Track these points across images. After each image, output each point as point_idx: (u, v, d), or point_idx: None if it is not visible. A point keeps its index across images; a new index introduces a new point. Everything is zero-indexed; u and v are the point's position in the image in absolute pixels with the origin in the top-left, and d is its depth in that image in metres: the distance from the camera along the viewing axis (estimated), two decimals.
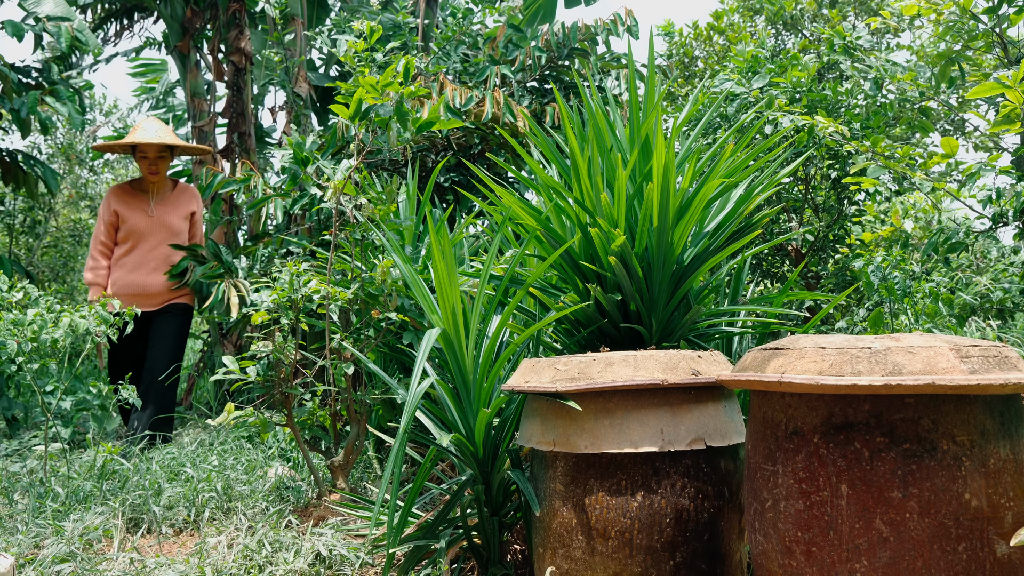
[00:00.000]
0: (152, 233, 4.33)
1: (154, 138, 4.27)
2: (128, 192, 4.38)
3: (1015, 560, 1.48)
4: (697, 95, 3.00)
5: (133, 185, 4.40)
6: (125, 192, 4.37)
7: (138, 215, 4.28)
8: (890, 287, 4.19)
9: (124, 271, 4.31)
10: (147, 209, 4.32)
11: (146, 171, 4.36)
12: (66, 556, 2.35)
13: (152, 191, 4.39)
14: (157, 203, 4.36)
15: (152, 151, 4.35)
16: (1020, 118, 3.40)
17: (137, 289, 4.30)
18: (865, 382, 1.43)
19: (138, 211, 4.29)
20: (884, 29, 7.62)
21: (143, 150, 4.34)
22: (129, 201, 4.32)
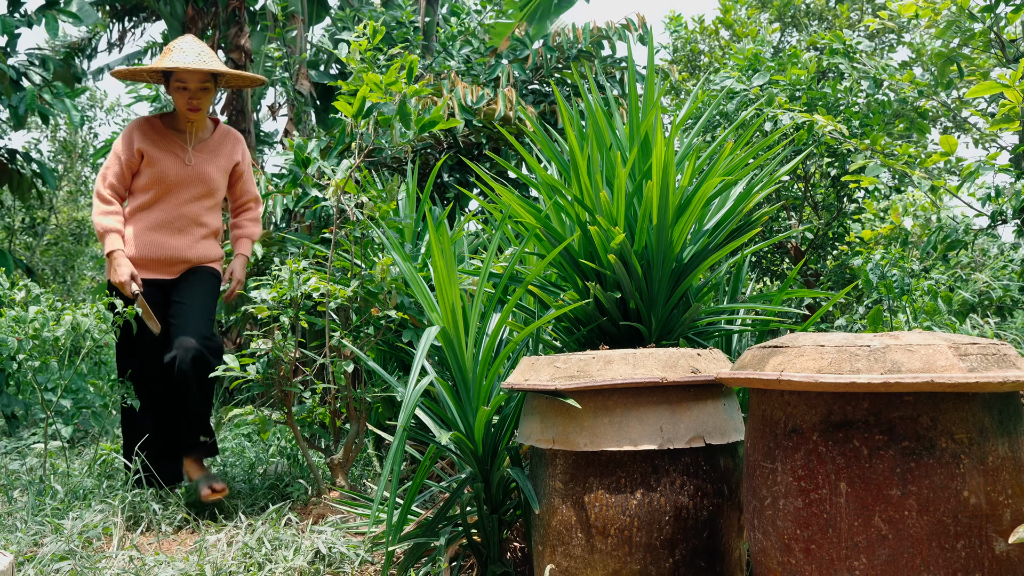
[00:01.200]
0: (184, 186, 3.28)
1: (196, 63, 3.19)
2: (157, 129, 3.31)
3: (1013, 557, 1.48)
4: (697, 93, 3.00)
5: (164, 121, 3.34)
6: (154, 129, 3.31)
7: (169, 160, 3.26)
8: (889, 285, 4.19)
9: (142, 227, 3.24)
10: (182, 154, 3.28)
11: (184, 106, 3.27)
12: (65, 554, 2.35)
13: (189, 132, 3.34)
14: (194, 148, 3.33)
15: (194, 80, 3.24)
16: (1019, 116, 3.40)
17: (157, 252, 3.24)
18: (864, 380, 1.44)
19: (169, 155, 3.26)
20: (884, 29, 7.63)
21: (181, 78, 3.24)
22: (158, 141, 3.27)
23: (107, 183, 3.24)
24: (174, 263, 3.27)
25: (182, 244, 3.28)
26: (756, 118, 4.55)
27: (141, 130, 3.29)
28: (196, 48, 3.27)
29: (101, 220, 3.19)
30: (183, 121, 3.32)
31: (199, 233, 3.32)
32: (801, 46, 6.60)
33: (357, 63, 3.08)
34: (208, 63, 3.23)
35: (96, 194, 3.25)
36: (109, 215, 3.20)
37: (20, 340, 4.06)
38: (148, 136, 3.28)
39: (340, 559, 2.45)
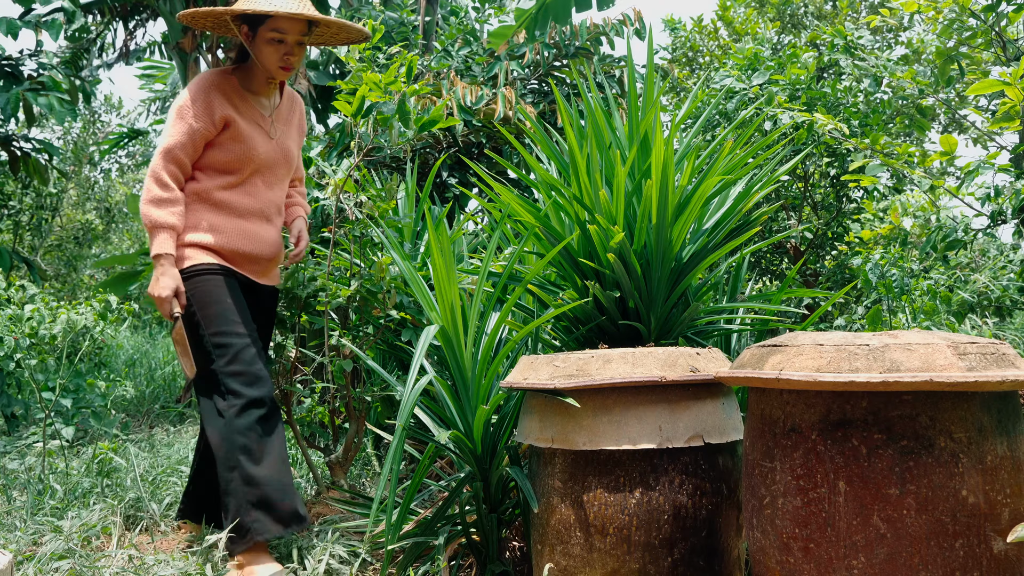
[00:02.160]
0: (271, 166, 2.60)
1: (298, 7, 2.44)
2: (238, 92, 2.55)
3: (1012, 556, 1.48)
4: (696, 92, 3.00)
5: (242, 82, 2.56)
6: (235, 91, 2.54)
7: (256, 132, 2.55)
8: (888, 284, 4.20)
9: (230, 216, 2.53)
10: (265, 126, 2.58)
11: (275, 63, 2.50)
12: (64, 553, 2.35)
13: (270, 97, 2.63)
14: (276, 117, 2.64)
15: (295, 31, 2.48)
16: (1019, 115, 3.40)
17: (253, 245, 2.57)
18: (863, 379, 1.43)
19: (255, 126, 2.55)
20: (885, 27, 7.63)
21: (280, 28, 2.47)
22: (243, 108, 2.53)
23: (171, 159, 2.42)
24: (264, 261, 2.62)
25: (273, 237, 2.65)
26: (755, 117, 4.55)
27: (222, 91, 2.49)
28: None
29: (153, 211, 2.38)
30: (262, 82, 2.56)
31: (279, 224, 2.72)
32: (801, 42, 6.61)
33: (356, 62, 3.07)
34: (309, 8, 2.49)
35: (152, 175, 2.42)
36: (164, 205, 2.39)
37: (17, 339, 4.07)
38: (231, 100, 2.50)
39: (339, 558, 2.45)
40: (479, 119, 5.24)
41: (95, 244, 11.95)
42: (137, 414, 5.46)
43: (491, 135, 5.64)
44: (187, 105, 2.44)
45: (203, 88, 2.47)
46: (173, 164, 2.43)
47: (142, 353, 7.58)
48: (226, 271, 2.49)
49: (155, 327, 10.04)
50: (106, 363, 6.01)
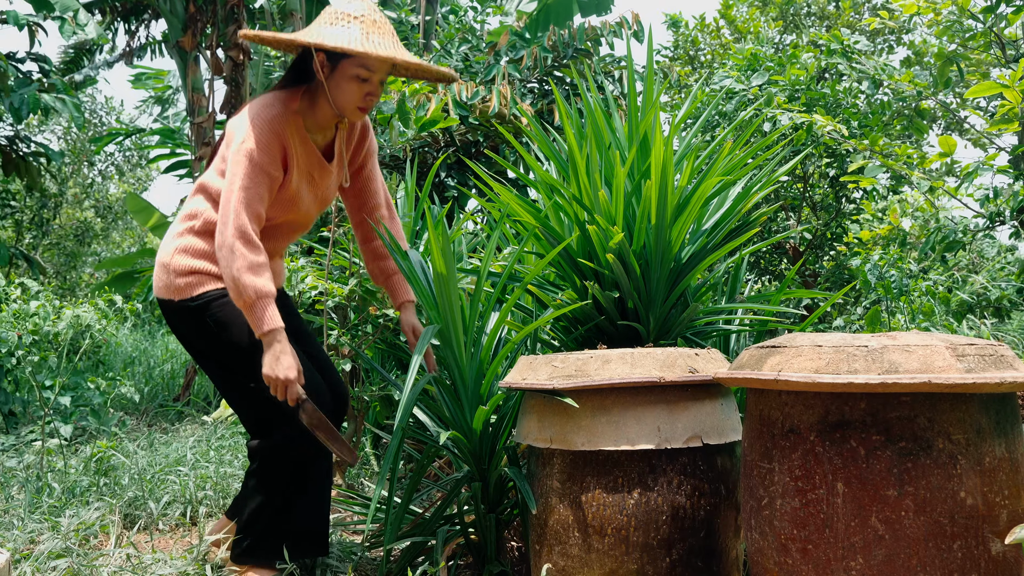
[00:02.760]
0: (308, 213, 2.34)
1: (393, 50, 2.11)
2: (300, 134, 2.21)
3: (1010, 558, 1.48)
4: (696, 92, 3.00)
5: (305, 119, 2.22)
6: (297, 132, 2.20)
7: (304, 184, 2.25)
8: (887, 285, 4.20)
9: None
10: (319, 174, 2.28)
11: (355, 103, 2.18)
12: (62, 552, 2.35)
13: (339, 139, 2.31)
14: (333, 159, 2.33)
15: (383, 68, 2.16)
16: (1018, 117, 3.41)
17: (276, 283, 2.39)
18: (861, 380, 1.44)
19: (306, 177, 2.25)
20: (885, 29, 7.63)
21: (368, 64, 2.13)
22: (300, 154, 2.21)
23: (253, 214, 2.07)
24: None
25: (282, 267, 2.50)
26: (755, 118, 4.55)
27: (288, 133, 2.17)
28: (385, 23, 2.17)
29: (253, 280, 2.02)
30: (328, 121, 2.24)
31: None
32: (803, 42, 6.61)
33: None
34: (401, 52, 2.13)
35: (237, 231, 2.03)
36: (261, 270, 2.04)
37: (20, 335, 4.06)
38: (293, 145, 2.18)
39: (338, 558, 2.45)
40: (475, 116, 5.24)
41: (95, 242, 11.95)
42: (136, 412, 5.45)
43: (489, 134, 5.65)
44: (257, 148, 2.09)
45: (272, 129, 2.12)
46: (255, 220, 2.07)
47: (141, 352, 7.58)
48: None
49: (155, 326, 10.04)
50: (105, 361, 6.00)
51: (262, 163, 2.08)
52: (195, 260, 2.17)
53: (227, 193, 2.07)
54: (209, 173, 2.25)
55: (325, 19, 2.13)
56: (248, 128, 2.10)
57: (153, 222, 8.11)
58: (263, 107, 2.14)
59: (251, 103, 2.17)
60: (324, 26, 2.11)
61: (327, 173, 2.29)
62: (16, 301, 4.22)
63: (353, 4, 2.14)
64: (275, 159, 2.12)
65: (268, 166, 2.10)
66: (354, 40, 2.07)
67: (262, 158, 2.08)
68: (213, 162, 2.26)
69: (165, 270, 2.18)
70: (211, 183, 2.21)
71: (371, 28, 2.11)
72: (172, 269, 2.16)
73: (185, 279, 2.16)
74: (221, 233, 2.04)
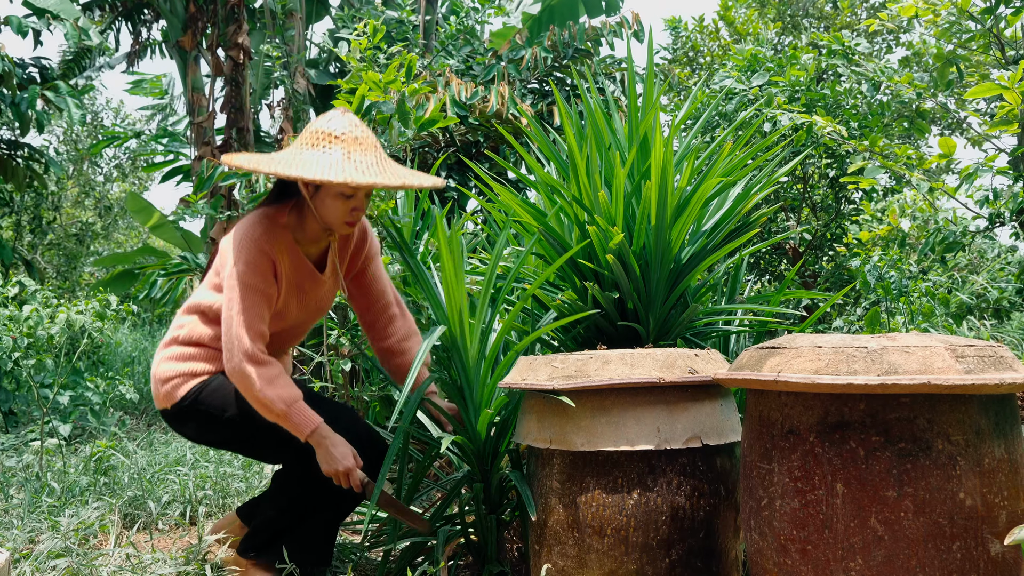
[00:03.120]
0: (301, 325, 2.40)
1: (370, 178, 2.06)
2: (291, 249, 2.22)
3: (1009, 559, 1.49)
4: (696, 93, 3.00)
5: (295, 234, 2.23)
6: (288, 248, 2.21)
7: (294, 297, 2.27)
8: (887, 286, 4.20)
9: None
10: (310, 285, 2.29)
11: (341, 218, 2.18)
12: (62, 551, 2.35)
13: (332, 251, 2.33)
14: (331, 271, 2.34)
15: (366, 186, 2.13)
16: (1018, 119, 3.41)
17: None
18: (861, 381, 1.44)
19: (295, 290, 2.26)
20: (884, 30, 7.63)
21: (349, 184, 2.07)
22: (291, 269, 2.22)
23: (257, 335, 2.10)
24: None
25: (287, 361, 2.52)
26: (755, 119, 4.55)
27: (278, 250, 2.17)
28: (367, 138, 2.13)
29: (273, 392, 2.06)
30: (318, 235, 2.25)
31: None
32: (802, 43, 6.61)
33: (356, 61, 3.07)
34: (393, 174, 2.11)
35: (244, 355, 2.06)
36: (277, 381, 2.08)
37: (15, 339, 4.06)
38: (283, 260, 2.19)
39: (338, 557, 2.46)
40: (474, 116, 5.24)
41: (95, 242, 11.95)
42: (135, 412, 5.45)
43: (489, 135, 5.65)
44: (248, 270, 2.11)
45: (260, 248, 2.13)
46: (259, 340, 2.10)
47: (140, 351, 7.58)
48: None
49: (154, 325, 10.03)
50: (104, 361, 6.00)
51: (255, 284, 2.11)
52: (177, 364, 2.22)
53: (227, 321, 2.10)
54: (201, 291, 2.28)
55: (307, 140, 2.12)
56: (237, 250, 2.13)
57: (153, 222, 8.11)
58: (250, 226, 2.15)
59: (240, 222, 2.19)
60: (305, 149, 2.10)
61: (319, 284, 2.30)
62: (9, 306, 4.22)
63: (334, 122, 2.13)
64: (267, 277, 2.14)
65: (261, 285, 2.12)
66: (335, 167, 2.04)
67: (254, 279, 2.11)
68: (206, 277, 2.30)
69: (154, 382, 2.24)
70: (202, 300, 2.25)
71: (353, 147, 2.09)
72: (158, 379, 2.22)
73: (171, 383, 2.20)
74: (229, 361, 2.07)
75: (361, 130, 2.13)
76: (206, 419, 2.20)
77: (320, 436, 2.08)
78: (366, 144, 2.11)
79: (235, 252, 2.12)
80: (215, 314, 2.21)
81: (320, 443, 2.08)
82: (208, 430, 2.24)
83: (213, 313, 2.21)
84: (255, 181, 4.32)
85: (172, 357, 2.23)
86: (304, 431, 2.08)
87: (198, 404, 2.19)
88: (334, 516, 2.30)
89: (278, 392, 2.06)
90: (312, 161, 2.05)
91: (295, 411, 2.07)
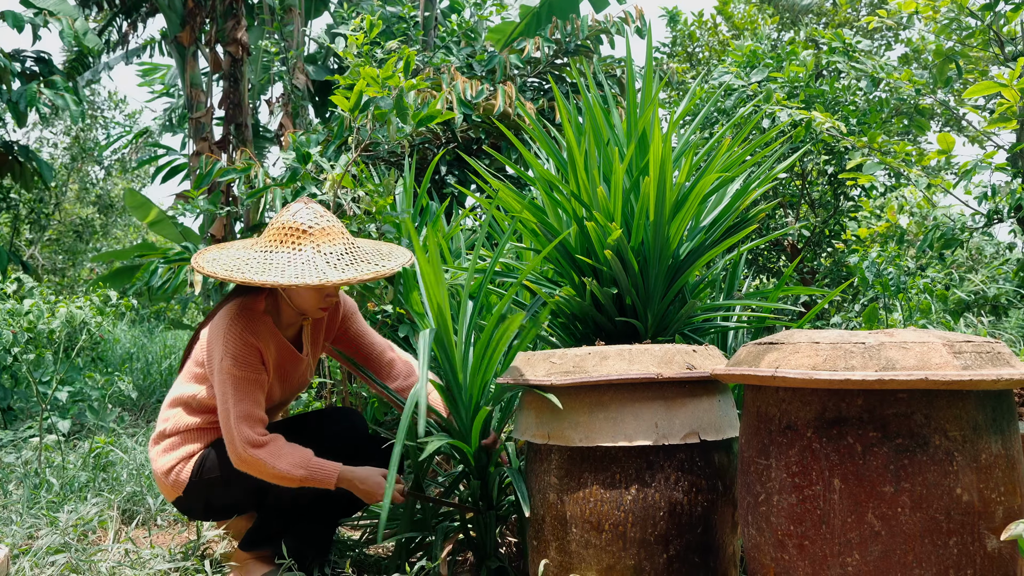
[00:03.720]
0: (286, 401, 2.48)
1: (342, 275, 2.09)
2: (273, 334, 2.27)
3: (1005, 554, 1.49)
4: (695, 89, 3.00)
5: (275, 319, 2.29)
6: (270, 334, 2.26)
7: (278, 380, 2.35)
8: (885, 283, 4.20)
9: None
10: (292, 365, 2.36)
11: (315, 306, 2.25)
12: (60, 547, 2.35)
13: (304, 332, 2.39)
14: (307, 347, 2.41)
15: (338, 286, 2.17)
16: (1016, 116, 3.41)
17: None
18: (858, 377, 1.44)
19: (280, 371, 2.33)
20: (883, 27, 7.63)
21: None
22: (275, 353, 2.29)
23: (252, 421, 2.15)
24: None
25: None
26: (754, 115, 4.55)
27: (259, 337, 2.21)
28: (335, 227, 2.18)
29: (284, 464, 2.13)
30: (294, 319, 2.32)
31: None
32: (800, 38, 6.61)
33: (354, 57, 3.07)
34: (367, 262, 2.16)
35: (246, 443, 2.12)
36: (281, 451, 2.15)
37: (15, 333, 4.06)
38: (267, 347, 2.24)
39: (336, 553, 2.46)
40: (479, 114, 5.24)
41: (95, 238, 11.94)
42: (134, 408, 5.46)
43: (489, 131, 5.64)
44: (236, 363, 2.16)
45: (245, 340, 2.17)
46: (258, 425, 2.16)
47: (139, 347, 7.58)
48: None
49: (153, 321, 10.03)
50: (103, 357, 6.00)
51: (245, 376, 2.17)
52: (172, 453, 2.28)
53: (224, 416, 2.16)
54: (181, 384, 2.33)
55: (275, 236, 2.14)
56: (224, 345, 2.17)
57: (151, 218, 8.10)
58: (232, 320, 2.19)
59: (220, 315, 2.22)
60: (275, 246, 2.13)
61: (299, 363, 2.36)
62: (10, 300, 4.22)
63: (300, 215, 2.16)
64: (255, 365, 2.19)
65: (251, 373, 2.18)
66: (307, 267, 2.07)
67: (244, 371, 2.17)
68: (185, 367, 2.35)
69: (158, 478, 2.30)
70: (184, 393, 2.30)
71: (322, 240, 2.13)
72: (160, 473, 2.28)
73: (173, 472, 2.26)
74: (235, 454, 2.14)
75: (327, 220, 2.18)
76: (216, 486, 2.25)
77: (346, 480, 2.17)
78: (333, 233, 2.16)
79: (221, 347, 2.17)
80: (199, 404, 2.28)
81: (350, 485, 2.17)
82: (224, 495, 2.27)
83: (197, 403, 2.28)
84: (254, 177, 4.33)
85: (165, 449, 2.29)
86: (330, 482, 2.16)
87: (204, 476, 2.25)
88: (335, 515, 2.35)
89: (289, 461, 2.14)
90: (284, 263, 2.09)
91: (313, 470, 2.15)
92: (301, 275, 2.05)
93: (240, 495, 2.26)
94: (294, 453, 2.15)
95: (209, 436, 2.29)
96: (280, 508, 2.28)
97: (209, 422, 2.28)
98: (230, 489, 2.24)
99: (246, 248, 2.20)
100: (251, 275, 2.06)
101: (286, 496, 2.24)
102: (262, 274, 2.06)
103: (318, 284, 2.04)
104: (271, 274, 2.06)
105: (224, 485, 2.24)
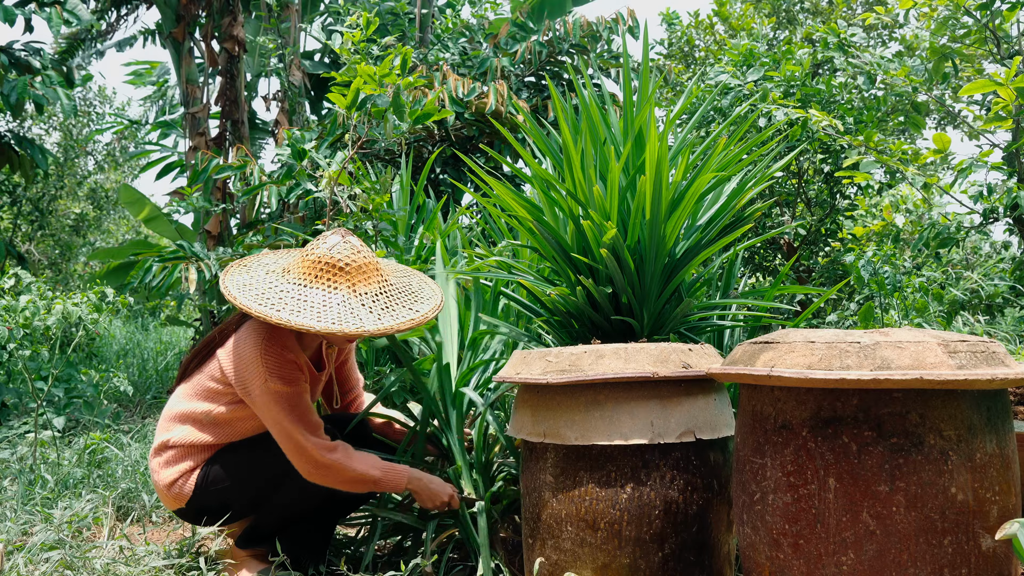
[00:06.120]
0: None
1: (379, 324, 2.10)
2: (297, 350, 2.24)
3: (1000, 554, 1.49)
4: (691, 88, 3.00)
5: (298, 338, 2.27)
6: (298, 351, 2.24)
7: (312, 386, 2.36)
8: (880, 281, 4.21)
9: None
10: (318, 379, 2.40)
11: (344, 340, 2.34)
12: (55, 543, 2.35)
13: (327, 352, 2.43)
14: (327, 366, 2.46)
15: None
16: (1011, 115, 3.41)
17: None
18: (854, 376, 1.44)
19: (313, 382, 2.37)
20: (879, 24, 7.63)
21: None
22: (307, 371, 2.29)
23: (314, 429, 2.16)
24: None
25: None
26: (750, 114, 4.55)
27: (296, 353, 2.20)
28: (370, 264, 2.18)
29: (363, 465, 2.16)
30: (317, 341, 2.34)
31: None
32: (797, 38, 6.61)
33: (349, 54, 3.06)
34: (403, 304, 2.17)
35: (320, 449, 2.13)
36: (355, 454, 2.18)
37: (11, 329, 4.05)
38: (301, 359, 2.23)
39: (334, 549, 2.46)
40: (471, 112, 5.24)
41: (90, 233, 11.92)
42: (129, 404, 5.45)
43: (485, 130, 5.64)
44: (282, 382, 2.14)
45: (284, 358, 2.16)
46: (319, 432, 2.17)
47: (135, 344, 7.57)
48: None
49: (147, 318, 10.01)
50: (98, 353, 5.99)
51: (294, 390, 2.15)
52: (175, 466, 2.25)
53: (284, 437, 2.14)
54: (190, 399, 2.28)
55: (310, 269, 2.12)
56: (264, 368, 2.13)
57: (145, 213, 8.09)
58: (267, 341, 2.16)
59: (246, 340, 2.18)
60: (309, 280, 2.11)
61: (318, 381, 2.38)
62: (5, 296, 4.21)
63: (337, 249, 2.14)
64: (299, 377, 2.17)
65: (299, 386, 2.16)
66: (343, 313, 2.06)
67: (292, 386, 2.15)
68: (195, 380, 2.29)
69: (160, 490, 2.28)
70: (195, 408, 2.25)
71: (358, 280, 2.13)
72: (163, 486, 2.26)
73: (176, 484, 2.25)
74: (309, 462, 2.13)
75: (364, 256, 2.16)
76: (222, 495, 2.24)
77: (415, 480, 2.19)
78: (369, 271, 2.15)
79: (262, 369, 2.13)
80: (212, 420, 2.23)
81: (418, 487, 2.19)
82: (233, 499, 2.26)
83: (211, 419, 2.24)
84: (249, 174, 4.32)
85: (168, 462, 2.26)
86: (400, 485, 2.17)
87: (208, 487, 2.24)
88: (333, 515, 2.35)
89: (365, 463, 2.15)
90: (320, 304, 2.07)
91: (386, 470, 2.16)
92: (339, 321, 2.04)
93: (245, 503, 2.26)
94: (364, 455, 2.16)
95: (211, 449, 2.27)
96: (283, 509, 2.28)
97: (220, 438, 2.24)
98: (235, 498, 2.24)
99: (276, 275, 2.16)
100: (286, 316, 2.03)
101: (291, 498, 2.24)
102: (298, 316, 2.03)
103: (355, 333, 2.02)
104: (306, 316, 2.03)
105: (230, 491, 2.23)
